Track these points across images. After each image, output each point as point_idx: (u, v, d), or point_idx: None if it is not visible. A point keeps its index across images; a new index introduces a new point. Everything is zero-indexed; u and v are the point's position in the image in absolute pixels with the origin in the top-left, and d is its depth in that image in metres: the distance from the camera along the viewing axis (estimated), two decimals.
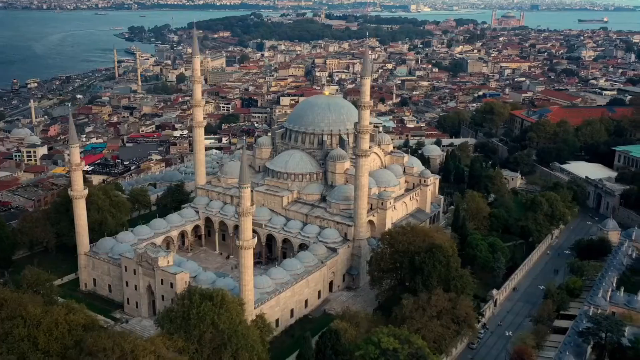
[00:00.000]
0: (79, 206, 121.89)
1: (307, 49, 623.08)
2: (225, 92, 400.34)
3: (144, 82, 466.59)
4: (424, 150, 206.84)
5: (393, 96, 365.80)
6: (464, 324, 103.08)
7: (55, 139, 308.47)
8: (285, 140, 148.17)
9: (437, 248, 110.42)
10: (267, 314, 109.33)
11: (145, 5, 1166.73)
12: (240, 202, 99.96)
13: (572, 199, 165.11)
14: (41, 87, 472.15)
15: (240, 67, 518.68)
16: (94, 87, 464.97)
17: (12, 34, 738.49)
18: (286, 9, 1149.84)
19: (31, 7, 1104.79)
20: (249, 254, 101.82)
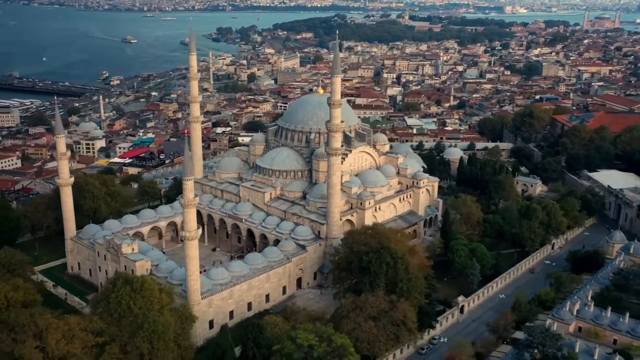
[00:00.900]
0: (65, 193, 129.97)
1: (384, 50, 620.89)
2: (287, 91, 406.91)
3: (216, 80, 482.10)
4: (444, 153, 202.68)
5: (450, 98, 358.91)
6: (403, 327, 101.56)
7: (118, 133, 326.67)
8: (277, 137, 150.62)
9: (385, 249, 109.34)
10: (218, 305, 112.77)
11: (239, 7, 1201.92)
12: (183, 194, 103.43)
13: (581, 209, 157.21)
14: (122, 85, 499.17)
15: (310, 67, 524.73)
16: (169, 85, 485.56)
17: (113, 33, 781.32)
18: (376, 10, 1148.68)
19: (133, 9, 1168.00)
20: (193, 245, 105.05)
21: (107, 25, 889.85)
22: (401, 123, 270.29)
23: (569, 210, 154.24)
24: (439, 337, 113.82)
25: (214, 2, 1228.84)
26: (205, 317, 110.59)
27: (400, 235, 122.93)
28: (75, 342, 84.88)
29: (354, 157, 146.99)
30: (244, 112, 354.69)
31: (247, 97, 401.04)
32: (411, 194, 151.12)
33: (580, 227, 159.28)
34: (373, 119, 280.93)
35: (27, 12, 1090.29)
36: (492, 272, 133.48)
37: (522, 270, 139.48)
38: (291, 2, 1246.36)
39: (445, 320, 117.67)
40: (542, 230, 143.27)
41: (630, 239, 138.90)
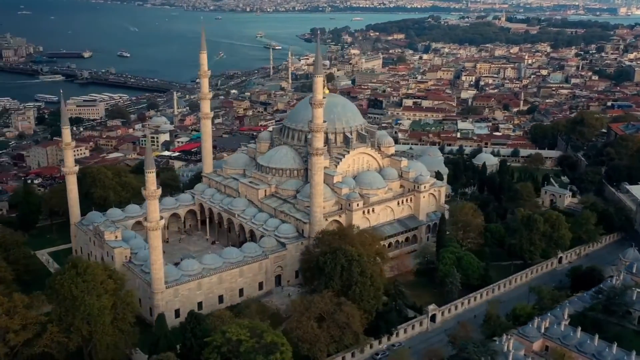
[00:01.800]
0: (70, 181, 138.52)
1: (472, 53, 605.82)
2: (357, 92, 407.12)
3: (294, 80, 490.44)
4: (475, 159, 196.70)
5: (520, 103, 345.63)
6: (348, 330, 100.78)
7: (187, 128, 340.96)
8: (281, 136, 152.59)
9: (340, 251, 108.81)
10: (185, 295, 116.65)
11: (338, 8, 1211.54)
12: (145, 186, 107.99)
13: (600, 223, 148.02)
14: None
15: (389, 68, 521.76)
16: (249, 83, 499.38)
17: (214, 33, 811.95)
18: (477, 11, 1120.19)
19: (236, 9, 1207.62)
20: (155, 235, 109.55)
21: (212, 25, 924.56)
22: (453, 127, 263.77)
23: (582, 224, 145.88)
24: (400, 344, 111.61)
25: (314, 3, 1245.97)
26: (171, 306, 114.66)
27: (372, 240, 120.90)
28: (16, 318, 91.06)
29: (353, 158, 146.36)
30: None
31: None
32: (412, 198, 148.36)
33: (596, 242, 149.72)
34: (424, 122, 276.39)
35: (141, 13, 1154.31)
36: (479, 282, 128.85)
37: (517, 283, 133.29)
38: (390, 4, 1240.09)
39: (411, 327, 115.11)
40: (543, 243, 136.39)
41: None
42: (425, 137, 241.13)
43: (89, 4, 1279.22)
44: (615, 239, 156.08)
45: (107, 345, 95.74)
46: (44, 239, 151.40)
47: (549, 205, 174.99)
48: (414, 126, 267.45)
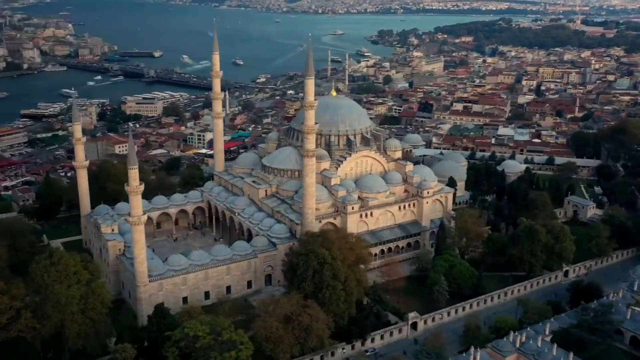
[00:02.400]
0: (80, 175, 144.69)
1: (541, 56, 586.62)
2: (409, 95, 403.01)
3: (351, 82, 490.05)
4: (501, 166, 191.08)
5: (575, 109, 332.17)
6: (311, 332, 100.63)
7: (236, 127, 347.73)
8: (287, 137, 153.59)
9: (313, 253, 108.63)
10: (169, 290, 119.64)
11: (411, 10, 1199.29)
12: (128, 181, 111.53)
13: (615, 237, 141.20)
14: (268, 82, 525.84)
15: (449, 71, 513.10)
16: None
17: (287, 34, 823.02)
18: (555, 14, 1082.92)
19: (308, 11, 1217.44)
20: (138, 230, 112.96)
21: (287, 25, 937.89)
22: (493, 132, 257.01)
23: (593, 237, 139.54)
24: (374, 349, 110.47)
25: (386, 5, 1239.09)
26: (154, 299, 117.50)
27: (354, 244, 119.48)
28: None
29: (355, 161, 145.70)
30: None
31: (369, 98, 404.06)
32: (415, 204, 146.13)
33: (609, 257, 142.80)
34: (463, 127, 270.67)
35: (216, 14, 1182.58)
36: (471, 293, 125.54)
37: (513, 295, 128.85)
38: (464, 6, 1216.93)
39: (389, 334, 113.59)
40: (544, 255, 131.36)
41: None
42: (459, 142, 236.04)
43: (168, 6, 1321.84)
44: (634, 255, 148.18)
45: (77, 333, 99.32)
46: (60, 229, 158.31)
47: (571, 216, 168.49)
48: (452, 131, 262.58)
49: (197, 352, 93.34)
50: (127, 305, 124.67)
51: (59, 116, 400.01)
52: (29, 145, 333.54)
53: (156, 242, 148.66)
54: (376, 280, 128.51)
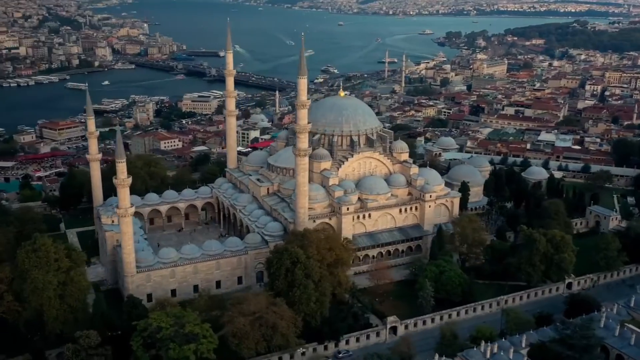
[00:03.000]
0: (93, 167, 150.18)
1: (613, 60, 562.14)
2: (462, 97, 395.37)
3: (407, 83, 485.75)
4: (525, 172, 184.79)
5: (634, 116, 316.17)
6: (277, 330, 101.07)
7: (283, 126, 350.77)
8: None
9: (286, 252, 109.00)
10: (157, 281, 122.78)
11: (484, 12, 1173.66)
12: (116, 174, 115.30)
13: (624, 249, 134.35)
14: (326, 82, 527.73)
15: (510, 75, 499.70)
16: (363, 85, 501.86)
17: (354, 36, 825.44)
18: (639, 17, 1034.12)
19: (379, 12, 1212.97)
20: (126, 222, 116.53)
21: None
22: (534, 137, 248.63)
23: (601, 249, 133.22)
24: (346, 351, 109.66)
25: (459, 6, 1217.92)
26: (142, 290, 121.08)
27: (335, 245, 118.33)
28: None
29: (358, 162, 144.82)
30: (403, 115, 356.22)
31: (420, 100, 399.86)
32: (417, 207, 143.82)
33: (618, 271, 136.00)
34: (503, 131, 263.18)
35: (289, 15, 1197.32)
36: (460, 300, 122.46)
37: (506, 305, 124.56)
38: (541, 7, 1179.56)
39: (366, 337, 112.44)
40: (543, 265, 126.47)
41: None
42: (492, 146, 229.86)
43: (245, 6, 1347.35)
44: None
45: (55, 318, 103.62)
46: (77, 219, 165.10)
47: (593, 227, 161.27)
48: (491, 135, 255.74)
49: (159, 342, 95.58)
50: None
51: (119, 112, 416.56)
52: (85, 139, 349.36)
53: (165, 235, 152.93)
54: (365, 283, 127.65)
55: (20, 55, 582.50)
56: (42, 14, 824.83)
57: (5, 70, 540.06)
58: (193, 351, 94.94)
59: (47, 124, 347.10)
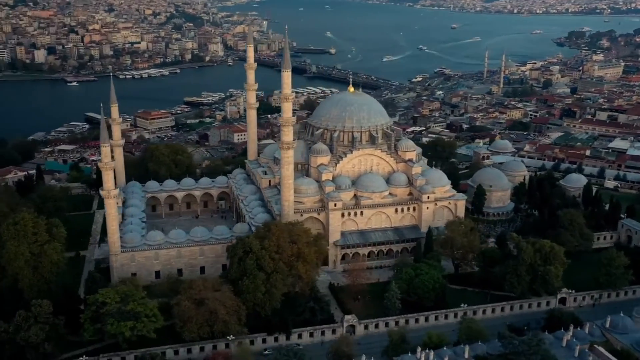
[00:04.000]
0: (117, 152, 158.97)
1: None
2: (555, 100, 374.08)
3: (506, 84, 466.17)
4: (563, 180, 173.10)
5: None
6: (218, 317, 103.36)
7: None
8: (304, 131, 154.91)
9: (240, 243, 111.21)
10: (141, 262, 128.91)
11: (620, 11, 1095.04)
12: (101, 158, 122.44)
13: (630, 265, 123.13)
14: (424, 81, 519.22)
15: (620, 78, 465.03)
16: (459, 84, 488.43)
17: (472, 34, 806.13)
18: None
19: (503, 11, 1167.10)
20: (110, 203, 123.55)
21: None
22: (605, 143, 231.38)
23: (604, 264, 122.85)
24: (298, 345, 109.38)
25: (591, 5, 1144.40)
26: (127, 269, 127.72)
27: (298, 239, 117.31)
28: None
29: (359, 159, 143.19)
30: (486, 117, 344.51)
31: (510, 102, 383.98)
32: (415, 207, 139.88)
33: (621, 290, 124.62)
34: (572, 136, 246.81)
35: (411, 13, 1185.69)
36: (433, 304, 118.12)
37: (481, 315, 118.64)
38: None
39: (320, 333, 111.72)
40: (528, 277, 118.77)
41: None
42: (549, 151, 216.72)
43: (368, 5, 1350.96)
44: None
45: (29, 287, 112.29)
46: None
47: (624, 241, 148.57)
48: (559, 140, 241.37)
49: (102, 317, 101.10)
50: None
51: (213, 105, 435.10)
52: (175, 129, 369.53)
53: (180, 220, 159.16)
54: (341, 280, 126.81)
55: (140, 50, 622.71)
56: (170, 11, 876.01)
57: (124, 63, 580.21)
58: (129, 328, 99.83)
59: (140, 114, 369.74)
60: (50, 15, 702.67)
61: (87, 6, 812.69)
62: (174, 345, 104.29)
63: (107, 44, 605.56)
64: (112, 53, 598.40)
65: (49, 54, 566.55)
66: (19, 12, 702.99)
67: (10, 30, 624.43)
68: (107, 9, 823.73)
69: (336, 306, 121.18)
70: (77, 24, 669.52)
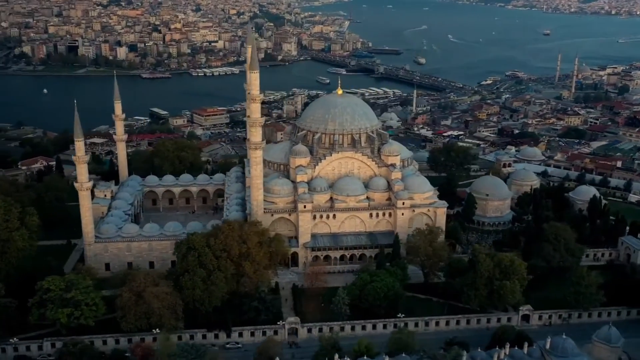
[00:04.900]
0: (119, 147, 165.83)
1: None
2: (623, 107, 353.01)
3: (579, 89, 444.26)
4: (572, 192, 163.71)
5: None
6: (153, 310, 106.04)
7: (411, 125, 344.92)
8: (293, 133, 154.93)
9: (185, 240, 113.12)
10: (114, 253, 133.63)
11: None
12: (75, 152, 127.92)
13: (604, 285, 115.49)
14: (493, 85, 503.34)
15: None
16: (528, 88, 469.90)
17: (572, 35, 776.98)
18: None
19: (600, 12, 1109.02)
20: (83, 195, 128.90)
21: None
22: None
23: (573, 283, 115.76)
24: (237, 343, 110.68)
25: None
26: (100, 259, 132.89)
27: (248, 239, 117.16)
28: None
29: (339, 162, 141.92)
30: (541, 123, 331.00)
31: (574, 108, 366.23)
32: (391, 213, 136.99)
33: (591, 311, 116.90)
34: (613, 146, 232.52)
35: (506, 14, 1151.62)
36: (383, 312, 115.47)
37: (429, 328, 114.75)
38: None
39: (262, 333, 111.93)
40: (485, 291, 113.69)
41: None
42: (578, 161, 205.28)
43: (454, 5, 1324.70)
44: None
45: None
46: None
47: (624, 260, 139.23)
48: (600, 149, 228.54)
49: (44, 303, 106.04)
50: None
51: (273, 103, 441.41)
52: (230, 126, 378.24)
53: (177, 215, 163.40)
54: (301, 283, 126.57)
55: (216, 48, 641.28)
56: (253, 11, 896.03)
57: (199, 61, 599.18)
58: (67, 314, 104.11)
59: (197, 110, 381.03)
60: (137, 15, 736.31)
61: (176, 6, 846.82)
62: (105, 335, 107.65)
63: (185, 43, 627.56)
64: (190, 51, 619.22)
65: (130, 51, 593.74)
66: (109, 12, 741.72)
67: (100, 28, 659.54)
68: (194, 8, 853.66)
69: (292, 307, 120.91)
70: (160, 23, 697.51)
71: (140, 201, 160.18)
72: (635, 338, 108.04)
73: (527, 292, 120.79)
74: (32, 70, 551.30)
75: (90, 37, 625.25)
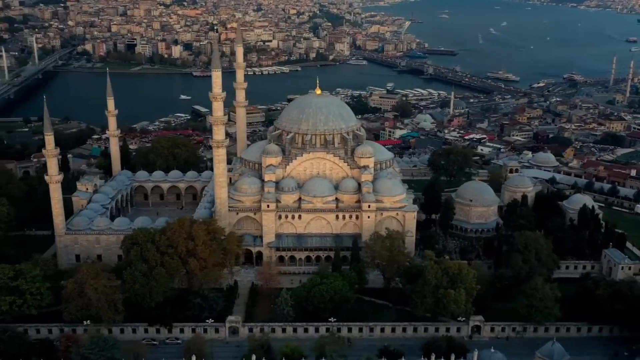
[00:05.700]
0: (112, 142, 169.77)
1: None
2: None
3: (634, 94, 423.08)
4: (566, 201, 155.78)
5: None
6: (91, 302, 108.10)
7: (448, 128, 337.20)
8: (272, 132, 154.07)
9: (131, 236, 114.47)
10: (84, 245, 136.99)
11: None
12: (45, 146, 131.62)
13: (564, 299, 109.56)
14: (545, 87, 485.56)
15: None
16: (580, 92, 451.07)
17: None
18: None
19: None
20: (53, 188, 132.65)
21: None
22: None
23: (526, 295, 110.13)
24: (177, 339, 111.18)
25: None
26: (71, 250, 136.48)
27: (197, 236, 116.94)
28: None
29: (310, 162, 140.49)
30: (580, 128, 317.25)
31: (620, 113, 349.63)
32: (357, 216, 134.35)
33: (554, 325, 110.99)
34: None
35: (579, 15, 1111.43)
36: (328, 315, 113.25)
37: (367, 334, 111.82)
38: None
39: (203, 330, 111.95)
40: (431, 299, 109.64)
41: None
42: (591, 169, 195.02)
43: (525, 5, 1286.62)
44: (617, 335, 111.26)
45: None
46: None
47: (607, 273, 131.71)
48: (624, 157, 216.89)
49: None
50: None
51: None
52: (265, 124, 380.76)
53: (165, 209, 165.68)
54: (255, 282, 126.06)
55: (269, 48, 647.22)
56: (313, 11, 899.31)
57: (251, 60, 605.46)
58: (9, 302, 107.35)
59: (234, 108, 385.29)
60: (196, 14, 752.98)
61: (238, 5, 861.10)
62: (39, 324, 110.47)
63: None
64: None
65: (185, 49, 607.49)
66: (170, 11, 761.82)
67: (159, 27, 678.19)
68: (255, 8, 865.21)
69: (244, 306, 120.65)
70: (218, 22, 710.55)
71: (128, 195, 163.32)
72: (585, 356, 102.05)
73: (488, 302, 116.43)
74: (91, 67, 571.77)
75: (149, 36, 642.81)
